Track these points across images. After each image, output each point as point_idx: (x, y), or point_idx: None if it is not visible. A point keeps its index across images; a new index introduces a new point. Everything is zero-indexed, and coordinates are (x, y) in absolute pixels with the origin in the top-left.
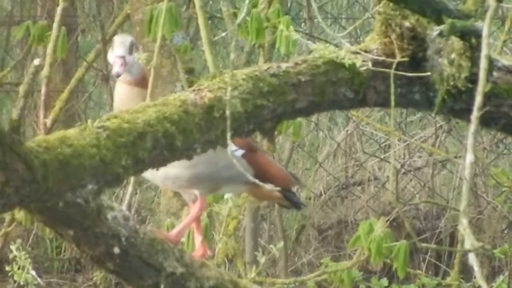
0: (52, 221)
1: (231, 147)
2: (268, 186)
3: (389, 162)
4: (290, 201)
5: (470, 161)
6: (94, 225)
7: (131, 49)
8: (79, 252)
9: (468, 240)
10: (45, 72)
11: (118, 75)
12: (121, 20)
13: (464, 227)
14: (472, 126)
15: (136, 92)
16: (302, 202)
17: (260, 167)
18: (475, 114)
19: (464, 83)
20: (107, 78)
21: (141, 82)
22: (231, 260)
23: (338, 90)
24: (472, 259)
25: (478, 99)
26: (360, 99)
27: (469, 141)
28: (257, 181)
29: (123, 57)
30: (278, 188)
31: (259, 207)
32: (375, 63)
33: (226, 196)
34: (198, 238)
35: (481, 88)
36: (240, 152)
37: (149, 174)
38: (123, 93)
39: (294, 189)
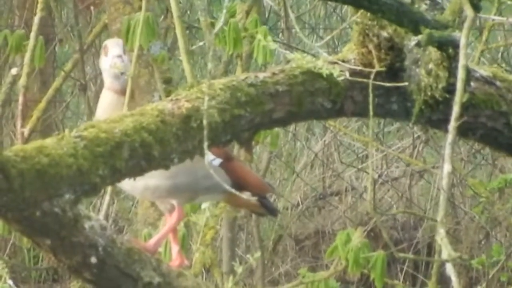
0: (29, 230)
1: (209, 156)
2: (245, 195)
3: (366, 172)
4: (267, 208)
5: (447, 171)
6: (71, 235)
7: (124, 50)
8: (56, 261)
9: (446, 251)
10: (22, 81)
11: (122, 73)
12: (99, 30)
13: (441, 237)
14: (450, 136)
15: (122, 101)
16: (278, 209)
17: (238, 176)
18: (452, 124)
19: (441, 93)
20: (84, 88)
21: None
22: (208, 270)
23: (315, 100)
24: (450, 270)
25: (456, 110)
26: (337, 109)
27: (447, 151)
28: (233, 190)
29: (121, 56)
30: (255, 198)
31: (237, 217)
32: (353, 73)
33: (203, 206)
34: (175, 248)
35: (458, 98)
36: (217, 161)
37: (128, 186)
38: (108, 101)
39: (270, 196)
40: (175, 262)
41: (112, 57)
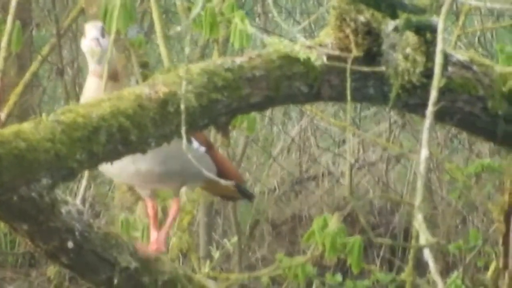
0: (6, 215)
1: (194, 144)
2: (226, 182)
3: (343, 157)
4: (243, 193)
5: (425, 156)
6: (48, 220)
7: (103, 33)
8: (33, 246)
9: (423, 236)
10: None
11: (88, 48)
12: (76, 14)
13: (419, 222)
14: (427, 121)
15: (109, 86)
16: (253, 193)
17: (221, 164)
18: (430, 109)
19: (419, 78)
20: (61, 72)
21: (113, 76)
22: (185, 254)
23: (292, 85)
24: (427, 255)
25: (433, 94)
26: (314, 93)
27: (424, 136)
28: (218, 179)
29: (97, 39)
30: (233, 183)
31: (213, 202)
32: (330, 57)
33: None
34: (154, 234)
35: (436, 83)
36: (203, 149)
37: (116, 170)
38: (94, 87)
39: (246, 182)
40: (152, 246)
41: (89, 40)
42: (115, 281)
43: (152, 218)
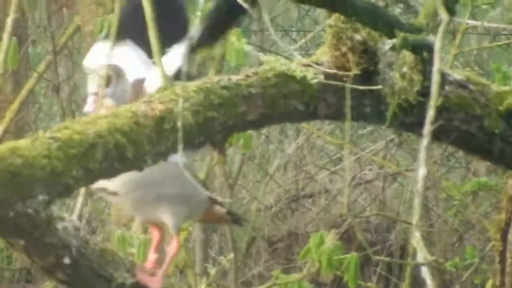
0: (2, 230)
1: (183, 160)
2: (221, 209)
3: (340, 175)
4: (237, 221)
5: (422, 174)
6: (44, 236)
7: (107, 81)
8: (30, 262)
9: (421, 253)
10: None
11: (88, 112)
12: (72, 31)
13: (416, 240)
14: (425, 140)
15: None
16: (246, 219)
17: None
18: (427, 128)
19: (415, 96)
20: (57, 89)
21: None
22: (181, 271)
23: (288, 103)
24: (425, 273)
25: (431, 113)
26: (311, 111)
27: (422, 155)
28: (219, 199)
29: (95, 94)
30: (225, 211)
31: None
32: (326, 76)
33: None
34: (153, 255)
35: (433, 102)
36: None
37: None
38: None
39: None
40: (149, 265)
41: (89, 93)
42: None
43: (154, 241)
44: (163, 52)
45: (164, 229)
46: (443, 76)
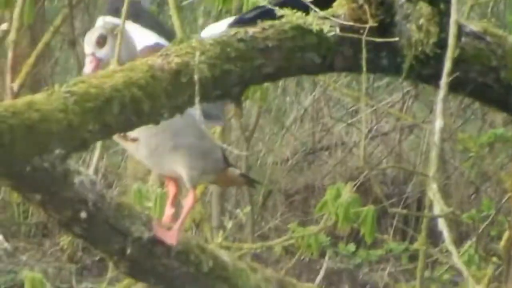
0: (19, 185)
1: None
2: (234, 170)
3: (356, 127)
4: (250, 183)
5: (439, 126)
6: (61, 190)
7: (100, 42)
8: (46, 216)
9: (438, 206)
10: (12, 37)
11: (88, 73)
12: None
13: (433, 192)
14: (441, 92)
15: None
16: (259, 181)
17: None
18: (444, 80)
19: (432, 48)
20: (73, 43)
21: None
22: (198, 225)
23: (305, 56)
24: (442, 225)
25: (447, 65)
26: (327, 64)
27: (439, 106)
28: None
29: (92, 54)
30: (239, 173)
31: None
32: (343, 28)
33: None
34: (169, 210)
35: (450, 54)
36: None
37: (132, 147)
38: None
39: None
40: (166, 220)
41: (86, 64)
42: (128, 251)
43: (171, 196)
44: None
45: (181, 184)
46: (460, 27)
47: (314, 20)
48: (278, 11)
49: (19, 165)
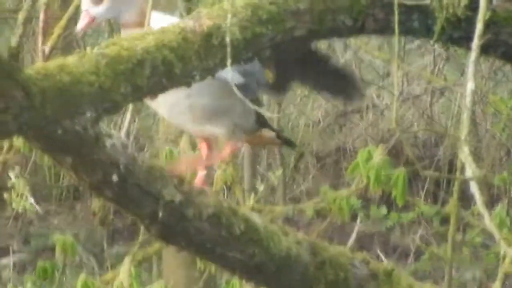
0: (50, 148)
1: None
2: (269, 131)
3: (387, 90)
4: (287, 143)
5: (471, 89)
6: (92, 153)
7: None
8: (77, 179)
9: (469, 168)
10: None
11: (80, 31)
12: None
13: (465, 155)
14: (473, 54)
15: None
16: (295, 142)
17: None
18: (476, 42)
19: (463, 11)
20: None
21: (142, 22)
22: (229, 187)
23: (336, 18)
24: (474, 187)
25: (479, 27)
26: (358, 27)
27: (470, 69)
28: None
29: (86, 11)
30: (275, 134)
31: None
32: None
33: None
34: (202, 172)
35: (481, 16)
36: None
37: (167, 107)
38: None
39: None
40: (197, 183)
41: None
42: (160, 214)
43: (203, 157)
44: None
45: (213, 145)
46: None
47: None
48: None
49: (50, 127)
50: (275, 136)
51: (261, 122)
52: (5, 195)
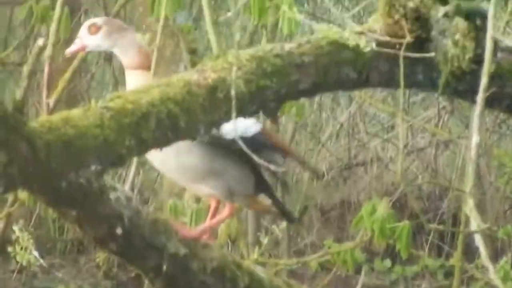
0: (55, 201)
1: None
2: (264, 198)
3: (392, 143)
4: (285, 214)
5: (476, 142)
6: (96, 206)
7: (92, 30)
8: (81, 232)
9: (474, 221)
10: (48, 52)
11: (69, 54)
12: (124, 0)
13: (470, 208)
14: (478, 108)
15: (145, 76)
16: (296, 216)
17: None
18: (480, 96)
19: (468, 64)
20: (110, 58)
21: (146, 65)
22: (233, 241)
23: (341, 71)
24: (478, 240)
25: (484, 81)
26: (363, 79)
27: (475, 122)
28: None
29: (80, 38)
30: (271, 203)
31: None
32: (379, 43)
33: None
34: (206, 223)
35: (486, 69)
36: (258, 126)
37: (159, 164)
38: (129, 80)
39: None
40: (202, 235)
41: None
42: (164, 267)
43: (211, 211)
44: None
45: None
46: (496, 43)
47: (350, 35)
48: None
49: (54, 180)
50: (271, 204)
51: (262, 187)
52: (10, 248)
